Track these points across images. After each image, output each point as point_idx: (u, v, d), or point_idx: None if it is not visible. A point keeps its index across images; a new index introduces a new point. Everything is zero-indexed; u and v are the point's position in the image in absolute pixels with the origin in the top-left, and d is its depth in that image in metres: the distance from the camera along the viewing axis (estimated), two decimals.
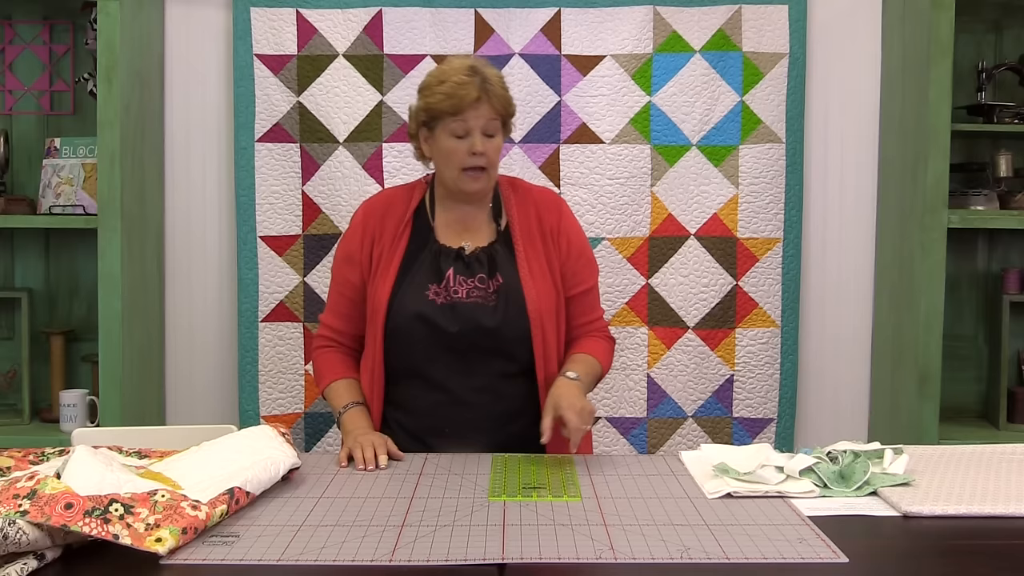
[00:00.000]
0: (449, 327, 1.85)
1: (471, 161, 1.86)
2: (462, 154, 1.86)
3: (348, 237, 2.02)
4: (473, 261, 1.91)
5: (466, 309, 1.86)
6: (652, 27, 2.89)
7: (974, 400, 3.05)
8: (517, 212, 1.97)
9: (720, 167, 2.90)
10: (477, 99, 1.84)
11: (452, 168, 1.89)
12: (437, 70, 1.92)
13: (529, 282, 1.90)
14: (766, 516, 1.40)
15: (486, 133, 1.86)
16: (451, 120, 1.86)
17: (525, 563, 1.22)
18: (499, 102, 1.88)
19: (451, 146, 1.87)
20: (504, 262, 1.92)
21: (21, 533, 1.16)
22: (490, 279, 1.89)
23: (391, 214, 1.98)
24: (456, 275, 1.89)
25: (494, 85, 1.87)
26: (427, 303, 1.87)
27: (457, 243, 1.94)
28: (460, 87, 1.84)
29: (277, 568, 1.21)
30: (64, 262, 3.03)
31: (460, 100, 1.84)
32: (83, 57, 2.97)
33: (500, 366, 1.89)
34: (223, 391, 2.99)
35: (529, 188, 2.04)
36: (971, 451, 1.77)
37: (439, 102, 1.86)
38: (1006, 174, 2.86)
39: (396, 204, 2.00)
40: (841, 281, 2.99)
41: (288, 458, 1.56)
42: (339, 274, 2.02)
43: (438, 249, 1.93)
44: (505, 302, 1.88)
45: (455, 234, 1.95)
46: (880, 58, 2.93)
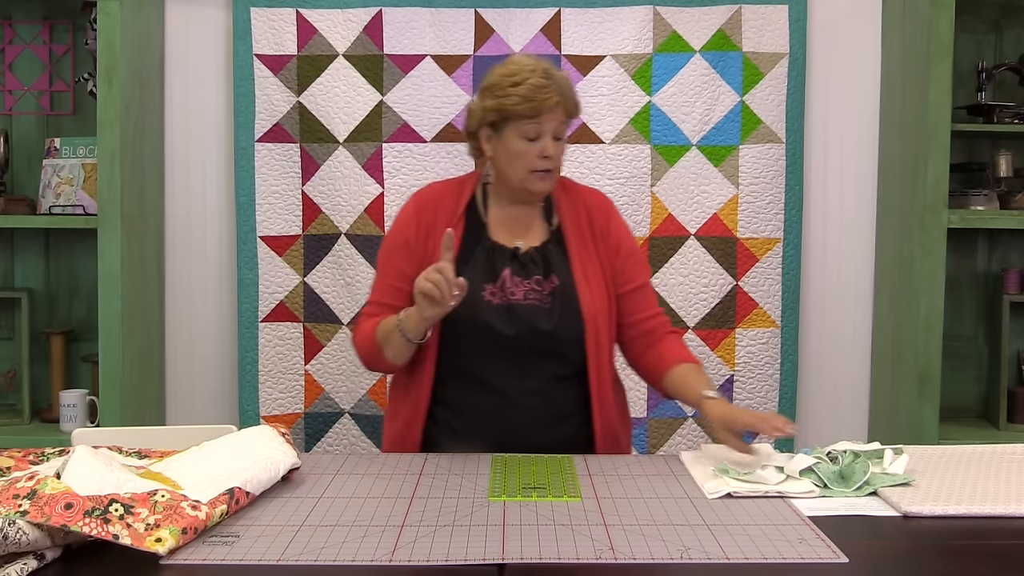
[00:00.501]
0: (506, 330, 1.83)
1: (541, 164, 1.84)
2: (532, 157, 1.83)
3: (401, 227, 1.94)
4: (528, 261, 1.89)
5: (523, 311, 1.84)
6: (652, 27, 2.89)
7: (974, 400, 3.05)
8: (568, 212, 1.95)
9: (720, 167, 2.90)
10: (557, 103, 1.81)
11: (520, 170, 1.85)
12: (505, 69, 1.86)
13: (583, 284, 1.88)
14: (766, 516, 1.40)
15: (555, 136, 1.84)
16: (525, 123, 1.82)
17: (525, 563, 1.22)
18: (572, 106, 1.86)
19: (521, 148, 1.83)
20: (558, 263, 1.89)
21: (21, 533, 1.16)
22: (545, 280, 1.87)
23: (443, 208, 1.93)
24: (512, 275, 1.87)
25: (567, 89, 1.85)
26: (483, 304, 1.84)
27: (510, 241, 1.91)
28: (539, 90, 1.80)
29: (277, 568, 1.21)
30: (64, 262, 3.03)
31: (540, 104, 1.80)
32: (83, 57, 2.97)
33: (552, 368, 1.87)
34: (223, 391, 3.00)
35: (579, 188, 2.02)
36: (971, 451, 1.77)
37: (515, 104, 1.81)
38: (1006, 174, 2.87)
39: (447, 198, 1.95)
40: (841, 281, 2.99)
41: (288, 458, 1.56)
42: (390, 264, 1.93)
43: (492, 247, 1.89)
44: (560, 304, 1.85)
45: (508, 232, 1.92)
46: (880, 58, 2.93)
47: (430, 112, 2.89)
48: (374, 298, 1.95)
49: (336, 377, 2.95)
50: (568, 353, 1.87)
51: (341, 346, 2.94)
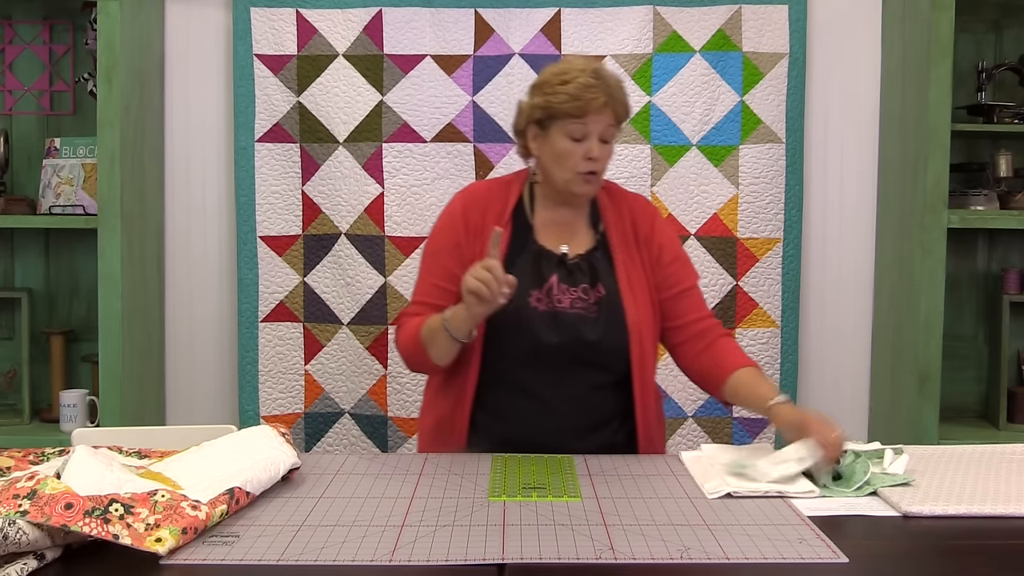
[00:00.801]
0: (550, 338, 1.81)
1: (585, 166, 1.82)
2: (577, 158, 1.81)
3: (449, 227, 1.91)
4: (575, 269, 1.87)
5: (568, 320, 1.82)
6: (652, 27, 2.89)
7: (974, 400, 3.05)
8: (614, 219, 1.94)
9: (720, 167, 2.90)
10: (604, 104, 1.79)
11: (565, 170, 1.84)
12: (557, 68, 1.85)
13: (628, 293, 1.86)
14: (766, 516, 1.40)
15: (602, 139, 1.82)
16: (571, 122, 1.80)
17: (525, 563, 1.22)
18: (622, 109, 1.84)
19: (567, 148, 1.82)
20: (604, 271, 1.88)
21: (21, 533, 1.16)
22: (592, 289, 1.86)
23: (491, 208, 1.91)
24: (559, 282, 1.85)
25: (617, 91, 1.83)
26: (529, 310, 1.82)
27: (556, 246, 1.89)
28: (587, 90, 1.79)
29: (277, 568, 1.21)
30: (64, 262, 3.03)
31: (586, 104, 1.78)
32: (83, 57, 2.97)
33: (594, 377, 1.85)
34: (223, 391, 3.00)
35: (624, 194, 2.00)
36: (971, 451, 1.77)
37: (562, 102, 1.80)
38: (1006, 174, 2.87)
39: (494, 199, 1.93)
40: (841, 281, 2.99)
41: (288, 458, 1.56)
42: (437, 264, 1.90)
43: (538, 251, 1.88)
44: (606, 314, 1.84)
45: (554, 236, 1.90)
46: (880, 58, 2.93)
47: (430, 112, 2.89)
48: (418, 298, 1.91)
49: (336, 377, 2.95)
50: (611, 363, 1.86)
51: (341, 346, 2.94)
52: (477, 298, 1.68)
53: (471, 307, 1.71)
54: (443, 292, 1.87)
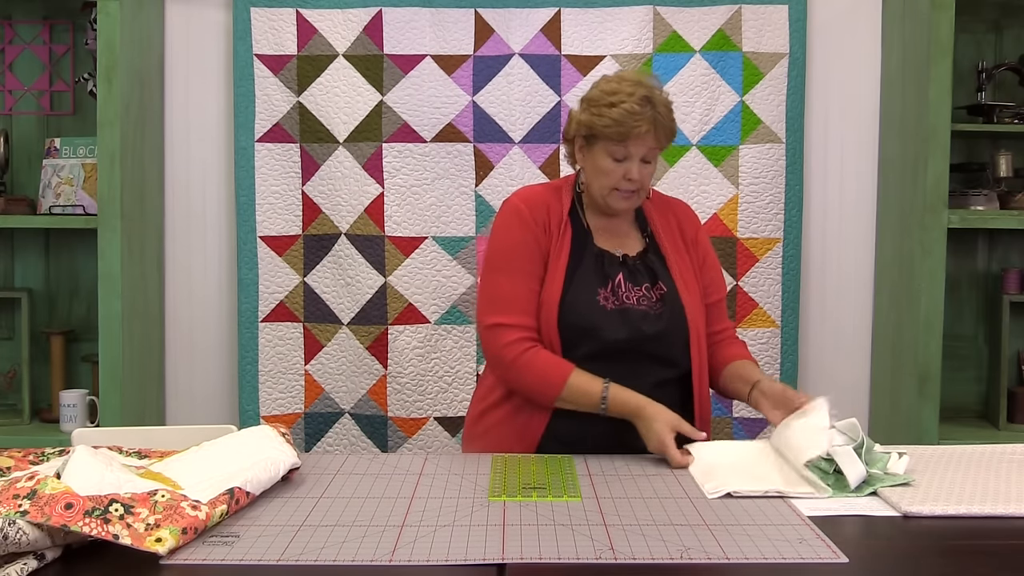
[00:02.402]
0: (619, 333, 1.84)
1: (624, 185, 1.85)
2: (617, 176, 1.84)
3: (519, 224, 1.89)
4: (636, 269, 1.91)
5: (636, 315, 1.86)
6: (652, 27, 2.89)
7: (974, 400, 3.06)
8: (660, 223, 1.98)
9: (720, 167, 2.90)
10: (647, 133, 1.81)
11: (603, 187, 1.87)
12: (608, 86, 1.86)
13: (684, 290, 1.92)
14: (766, 516, 1.40)
15: (644, 160, 1.85)
16: (613, 144, 1.83)
17: (525, 563, 1.22)
18: (665, 135, 1.85)
19: (607, 167, 1.84)
20: (660, 271, 1.92)
21: (21, 533, 1.16)
22: (653, 288, 1.90)
23: (552, 209, 1.92)
24: (625, 281, 1.89)
25: (664, 117, 1.83)
26: (598, 308, 1.85)
27: (613, 248, 1.92)
28: (631, 116, 1.79)
29: (277, 568, 1.21)
30: (64, 262, 3.03)
31: (629, 131, 1.80)
32: (83, 57, 2.97)
33: (659, 372, 1.88)
34: (223, 391, 3.00)
35: (667, 200, 2.05)
36: (971, 451, 1.77)
37: (606, 125, 1.81)
38: (1006, 174, 2.87)
39: (552, 201, 1.94)
40: (841, 281, 2.99)
41: (288, 458, 1.56)
42: (517, 262, 1.88)
43: (599, 253, 1.91)
44: (670, 310, 1.88)
45: (608, 239, 1.93)
46: (880, 58, 2.93)
47: (430, 112, 2.89)
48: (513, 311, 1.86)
49: (336, 377, 2.95)
50: (676, 357, 1.89)
51: (341, 346, 2.94)
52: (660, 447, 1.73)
53: (651, 434, 1.76)
54: (533, 294, 1.86)
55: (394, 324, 2.91)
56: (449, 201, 2.91)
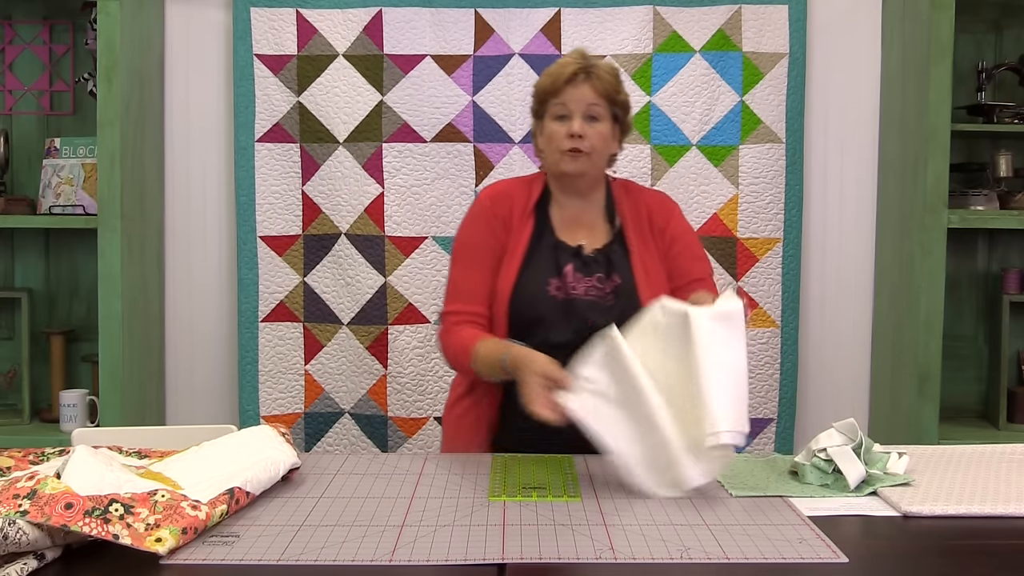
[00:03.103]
0: (565, 323, 1.85)
1: (569, 143, 1.85)
2: (561, 136, 1.86)
3: (479, 220, 1.95)
4: (591, 261, 1.91)
5: (582, 306, 1.86)
6: (652, 27, 2.89)
7: (974, 400, 3.06)
8: (630, 213, 1.97)
9: (720, 167, 2.90)
10: (573, 75, 1.84)
11: (553, 152, 1.88)
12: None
13: (644, 283, 1.90)
14: (766, 516, 1.40)
15: (589, 116, 1.86)
16: (554, 102, 1.86)
17: (525, 563, 1.22)
18: (603, 83, 1.86)
19: (553, 129, 1.87)
20: (620, 263, 1.91)
21: (21, 533, 1.16)
22: (607, 279, 1.90)
23: (516, 203, 1.96)
24: (575, 271, 1.89)
25: (599, 68, 1.87)
26: (547, 297, 1.86)
27: (574, 240, 1.93)
28: (561, 66, 1.87)
29: (277, 568, 1.21)
30: (64, 262, 3.03)
31: (557, 77, 1.85)
32: (83, 57, 2.97)
33: None
34: (223, 391, 3.00)
35: (642, 190, 2.03)
36: (971, 451, 1.77)
37: (542, 83, 1.89)
38: (1006, 174, 2.87)
39: (518, 195, 1.97)
40: (841, 281, 2.99)
41: (288, 458, 1.56)
42: (472, 256, 1.93)
43: (556, 244, 1.92)
44: (623, 303, 1.87)
45: (571, 231, 1.94)
46: (880, 58, 2.93)
47: (430, 112, 2.89)
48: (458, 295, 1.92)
49: (336, 377, 2.95)
50: None
51: (341, 346, 2.94)
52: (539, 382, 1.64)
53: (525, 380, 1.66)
54: (480, 281, 1.91)
55: (394, 324, 2.91)
56: (449, 201, 2.91)
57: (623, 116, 1.93)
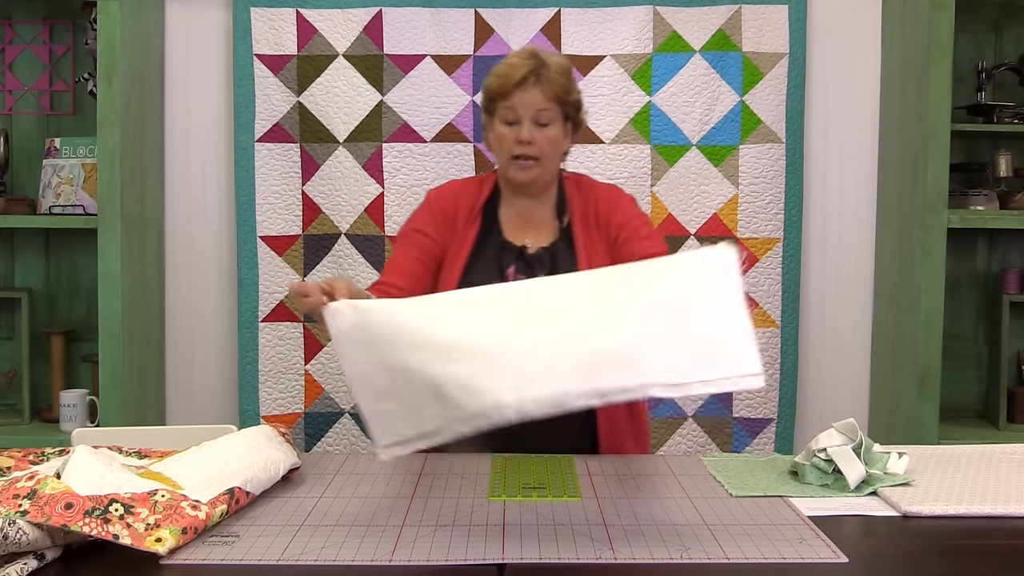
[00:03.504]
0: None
1: (518, 149, 1.82)
2: (510, 141, 1.82)
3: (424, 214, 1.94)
4: (535, 261, 1.87)
5: None
6: (652, 27, 2.89)
7: (974, 400, 3.06)
8: (579, 210, 1.92)
9: (720, 167, 2.90)
10: (523, 79, 1.79)
11: (502, 155, 1.85)
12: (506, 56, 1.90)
13: None
14: (766, 516, 1.40)
15: (539, 122, 1.81)
16: (502, 105, 1.82)
17: (525, 563, 1.22)
18: (553, 87, 1.81)
19: (502, 132, 1.84)
20: (565, 263, 1.87)
21: (21, 533, 1.16)
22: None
23: (463, 203, 1.93)
24: (516, 274, 1.86)
25: (550, 70, 1.81)
26: None
27: (521, 239, 1.90)
28: (510, 68, 1.81)
29: (277, 568, 1.21)
30: (64, 262, 3.03)
31: (507, 80, 1.80)
32: (83, 57, 2.97)
33: None
34: (223, 391, 2.99)
35: (593, 185, 1.98)
36: (971, 451, 1.77)
37: (491, 83, 1.84)
38: (1006, 174, 2.87)
39: (467, 195, 1.95)
40: (841, 281, 2.98)
41: (288, 458, 1.56)
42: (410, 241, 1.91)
43: (501, 244, 1.89)
44: None
45: (519, 230, 1.91)
46: (880, 58, 2.93)
47: (430, 112, 2.89)
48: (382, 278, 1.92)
49: (336, 377, 2.95)
50: None
51: None
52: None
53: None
54: (412, 260, 1.89)
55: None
56: None
57: (575, 114, 1.89)
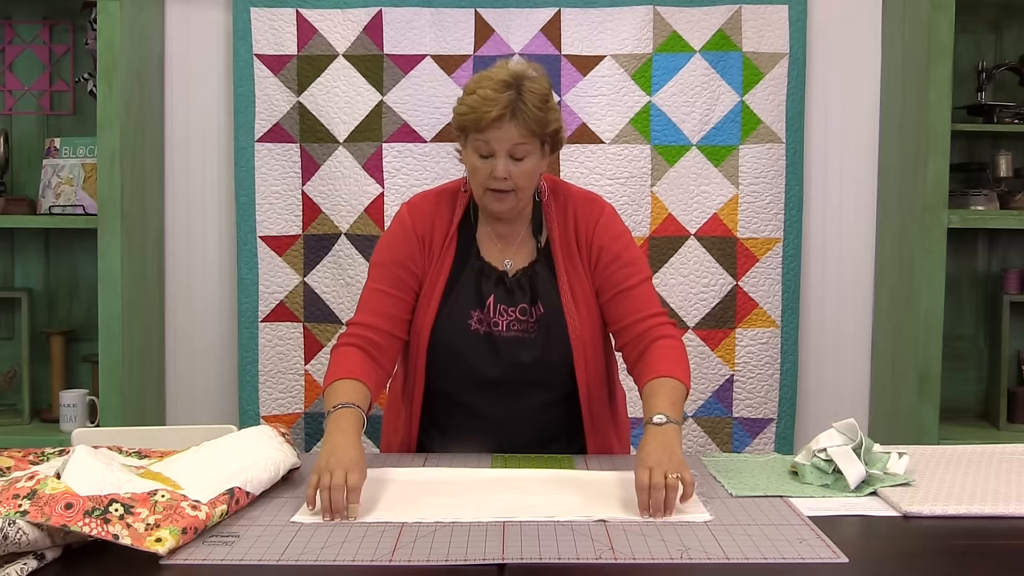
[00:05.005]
0: (487, 363, 1.77)
1: (493, 184, 1.72)
2: (484, 175, 1.71)
3: (399, 239, 1.83)
4: (515, 287, 1.79)
5: (505, 344, 1.76)
6: (652, 27, 2.89)
7: (974, 400, 3.05)
8: (558, 225, 1.82)
9: (720, 167, 2.90)
10: (499, 118, 1.65)
11: (476, 186, 1.75)
12: (479, 75, 1.73)
13: (571, 307, 1.78)
14: (766, 516, 1.40)
15: (514, 156, 1.69)
16: (476, 136, 1.69)
17: (525, 563, 1.22)
18: (529, 123, 1.67)
19: (475, 164, 1.71)
20: (546, 285, 1.79)
21: (21, 533, 1.16)
22: (532, 307, 1.78)
23: (439, 224, 1.83)
24: (497, 303, 1.78)
25: (527, 103, 1.67)
26: (469, 334, 1.77)
27: (499, 259, 1.81)
28: (484, 102, 1.66)
29: (277, 568, 1.21)
30: (64, 262, 3.03)
31: (479, 117, 1.66)
32: (83, 57, 2.97)
33: (541, 396, 1.80)
34: (223, 391, 2.99)
35: (570, 195, 1.86)
36: (971, 451, 1.77)
37: (463, 115, 1.70)
38: (1006, 174, 2.87)
39: (442, 212, 1.84)
40: (841, 281, 2.99)
41: (288, 458, 1.56)
42: (386, 273, 1.81)
43: (481, 268, 1.80)
44: (546, 333, 1.77)
45: (497, 250, 1.82)
46: (880, 58, 2.93)
47: (430, 112, 2.89)
48: (362, 310, 1.80)
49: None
50: (555, 381, 1.80)
51: None
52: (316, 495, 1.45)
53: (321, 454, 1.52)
54: (389, 298, 1.79)
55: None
56: None
57: (553, 139, 1.77)
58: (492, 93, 1.67)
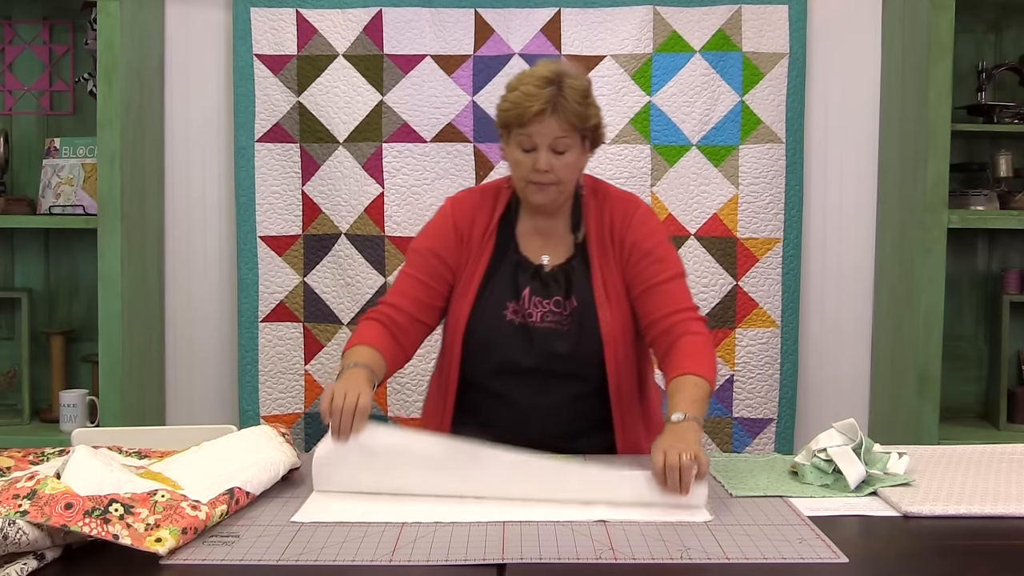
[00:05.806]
0: (523, 356, 1.81)
1: (535, 177, 1.78)
2: (527, 168, 1.77)
3: (440, 231, 1.91)
4: (551, 280, 1.85)
5: (539, 335, 1.81)
6: (652, 27, 2.89)
7: (974, 400, 3.05)
8: (595, 224, 1.88)
9: (720, 167, 2.90)
10: (540, 112, 1.72)
11: (519, 179, 1.82)
12: (521, 73, 1.81)
13: (604, 303, 1.83)
14: (766, 516, 1.40)
15: (555, 150, 1.76)
16: (518, 131, 1.76)
17: (525, 563, 1.22)
18: (570, 116, 1.74)
19: (518, 157, 1.78)
20: (580, 281, 1.84)
21: (21, 533, 1.16)
22: (566, 300, 1.83)
23: (479, 218, 1.90)
24: (532, 295, 1.83)
25: (567, 99, 1.74)
26: (504, 325, 1.82)
27: (537, 254, 1.87)
28: (526, 98, 1.73)
29: (277, 568, 1.21)
30: (64, 262, 3.03)
31: (523, 112, 1.73)
32: (83, 57, 2.97)
33: (574, 388, 1.84)
34: (223, 391, 3.00)
35: (608, 193, 1.92)
36: (971, 451, 1.77)
37: (506, 110, 1.77)
38: (1006, 174, 2.87)
39: (483, 209, 1.91)
40: (841, 281, 2.99)
41: (288, 458, 1.56)
42: (422, 261, 1.89)
43: (517, 261, 1.87)
44: (579, 326, 1.81)
45: (536, 246, 1.88)
46: (880, 58, 2.93)
47: (430, 112, 2.89)
48: (394, 292, 1.89)
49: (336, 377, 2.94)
50: (588, 373, 1.84)
51: (341, 346, 2.93)
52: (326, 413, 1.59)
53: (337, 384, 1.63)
54: (419, 284, 1.87)
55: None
56: None
57: (593, 134, 1.83)
58: (534, 89, 1.74)
